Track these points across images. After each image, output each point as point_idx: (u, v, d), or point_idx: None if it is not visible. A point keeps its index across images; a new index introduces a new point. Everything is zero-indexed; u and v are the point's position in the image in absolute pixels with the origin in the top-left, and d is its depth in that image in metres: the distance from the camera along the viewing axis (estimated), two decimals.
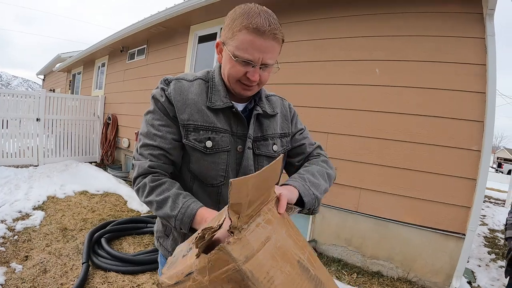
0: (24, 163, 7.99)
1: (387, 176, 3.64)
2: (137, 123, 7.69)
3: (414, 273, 3.51)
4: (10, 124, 7.79)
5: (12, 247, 4.00)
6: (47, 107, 8.21)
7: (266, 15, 1.14)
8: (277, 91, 4.21)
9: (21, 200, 5.53)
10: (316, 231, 4.18)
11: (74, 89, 13.84)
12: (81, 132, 8.92)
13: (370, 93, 3.75)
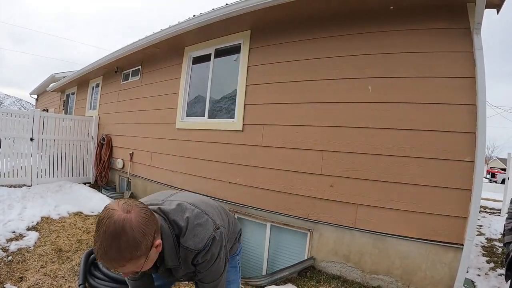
0: (17, 183, 7.88)
1: (382, 191, 3.67)
2: (131, 144, 7.70)
3: (414, 286, 3.51)
4: (3, 143, 7.72)
5: (6, 267, 3.96)
6: (41, 126, 8.15)
7: (105, 242, 1.19)
8: (270, 110, 4.21)
9: (14, 220, 5.48)
10: (314, 248, 4.18)
11: (68, 109, 13.81)
12: (75, 152, 8.87)
13: (363, 110, 3.81)
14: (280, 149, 4.45)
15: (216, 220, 1.49)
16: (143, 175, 7.25)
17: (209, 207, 1.56)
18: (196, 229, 1.42)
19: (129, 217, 1.20)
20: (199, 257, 1.42)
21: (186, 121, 6.04)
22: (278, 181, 4.45)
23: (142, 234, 1.21)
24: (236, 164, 4.99)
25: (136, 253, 1.21)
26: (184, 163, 5.96)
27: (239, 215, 5.07)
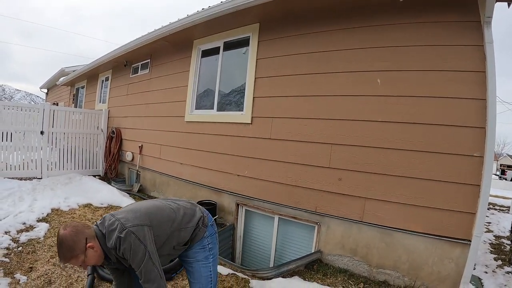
0: (28, 176, 7.98)
1: (390, 184, 3.66)
2: (140, 137, 7.76)
3: (421, 281, 3.50)
4: (14, 136, 7.80)
5: (16, 258, 4.01)
6: (51, 120, 8.23)
7: (57, 247, 1.98)
8: (279, 103, 4.20)
9: (25, 212, 5.54)
10: (321, 242, 4.19)
11: (77, 103, 13.91)
12: (85, 145, 8.94)
13: (372, 103, 3.80)
14: (288, 142, 4.45)
15: (126, 224, 2.03)
16: (152, 167, 7.31)
17: (131, 213, 2.12)
18: (110, 234, 2.03)
19: (64, 233, 1.96)
20: (118, 251, 2.02)
21: (195, 114, 6.07)
22: (286, 174, 4.46)
23: (73, 241, 1.95)
24: (245, 157, 5.00)
25: (74, 253, 1.95)
26: (193, 155, 5.99)
27: (247, 207, 5.11)
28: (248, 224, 5.22)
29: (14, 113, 7.83)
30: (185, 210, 2.33)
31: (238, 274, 3.88)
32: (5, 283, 3.39)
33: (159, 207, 2.27)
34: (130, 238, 1.98)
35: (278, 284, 3.57)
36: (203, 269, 2.31)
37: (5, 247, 4.24)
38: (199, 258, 2.31)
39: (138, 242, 1.99)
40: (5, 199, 6.13)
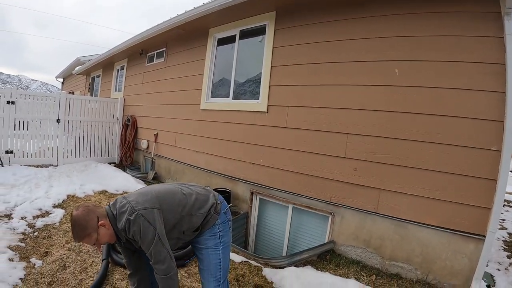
0: (44, 163, 8.11)
1: (406, 176, 3.61)
2: (156, 125, 7.81)
3: (433, 275, 3.47)
4: (30, 125, 7.92)
5: (32, 243, 4.08)
6: (67, 108, 8.34)
7: (71, 227, 2.10)
8: (295, 91, 4.15)
9: (41, 198, 5.62)
10: (335, 232, 4.18)
11: (93, 91, 14.03)
12: (101, 133, 9.04)
13: (389, 93, 3.74)
14: (304, 131, 4.42)
15: (137, 207, 2.08)
16: (167, 155, 7.36)
17: (142, 196, 2.18)
18: (120, 216, 2.10)
19: (76, 213, 2.06)
20: (127, 233, 2.09)
21: (211, 102, 6.07)
22: (301, 163, 4.45)
23: (85, 220, 2.05)
24: (260, 145, 5.00)
25: (86, 231, 2.06)
26: (208, 143, 6.01)
27: (261, 196, 5.12)
28: (262, 212, 5.23)
29: (31, 102, 7.96)
30: (198, 196, 2.34)
31: (251, 262, 3.91)
32: (20, 267, 3.45)
33: (171, 191, 2.31)
34: (139, 221, 2.04)
35: (290, 272, 3.58)
36: (213, 256, 2.31)
37: (21, 232, 4.31)
38: (209, 245, 2.32)
39: (148, 224, 2.05)
40: (22, 185, 6.24)
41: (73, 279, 3.36)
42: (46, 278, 3.35)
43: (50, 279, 3.33)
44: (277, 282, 3.48)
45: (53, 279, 3.33)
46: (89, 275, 3.47)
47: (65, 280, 3.34)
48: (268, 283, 3.52)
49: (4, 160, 7.44)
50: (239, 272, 3.68)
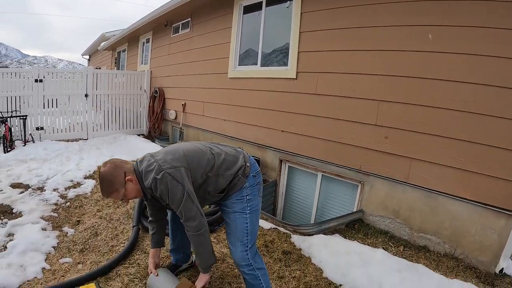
0: (74, 137, 8.37)
1: (439, 146, 3.46)
2: (183, 95, 7.85)
3: (461, 249, 3.37)
4: (59, 101, 8.14)
5: (64, 213, 4.19)
6: (94, 83, 8.49)
7: (99, 184, 2.17)
8: (325, 57, 3.96)
9: (72, 170, 5.77)
10: (363, 201, 4.12)
11: (119, 66, 14.19)
12: (129, 106, 9.18)
13: (423, 60, 3.55)
14: (334, 97, 4.32)
15: (164, 166, 2.06)
16: (196, 124, 7.42)
17: (170, 155, 2.15)
18: (146, 174, 2.11)
19: (104, 169, 2.12)
20: (154, 192, 2.11)
21: (239, 70, 6.02)
22: (331, 130, 4.37)
23: (113, 176, 2.10)
24: (289, 113, 4.94)
25: (114, 187, 2.11)
26: (237, 111, 6.00)
27: (290, 163, 5.10)
28: (291, 180, 5.22)
29: (58, 79, 8.19)
30: (227, 157, 2.28)
31: (280, 229, 3.91)
32: (53, 236, 3.56)
33: (200, 150, 2.26)
34: (167, 180, 2.03)
35: (319, 240, 3.57)
36: (239, 221, 2.26)
37: (54, 203, 4.45)
38: (236, 209, 2.26)
39: (176, 182, 2.03)
40: (53, 159, 6.44)
41: (104, 246, 3.44)
42: (78, 245, 3.44)
43: (82, 246, 3.42)
44: (306, 249, 3.48)
45: (85, 246, 3.42)
46: (120, 241, 3.54)
47: (97, 246, 3.42)
48: (297, 249, 3.52)
49: (35, 137, 7.70)
50: (268, 238, 3.70)
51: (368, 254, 3.29)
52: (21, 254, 3.17)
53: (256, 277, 2.28)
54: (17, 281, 2.78)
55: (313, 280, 2.99)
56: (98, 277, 2.86)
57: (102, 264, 3.08)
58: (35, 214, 4.03)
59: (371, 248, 3.42)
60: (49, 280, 2.86)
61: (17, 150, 6.83)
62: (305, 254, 3.44)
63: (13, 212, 4.08)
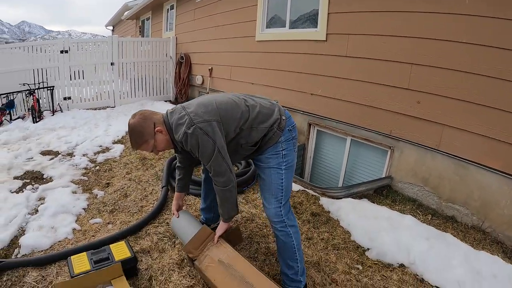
0: (102, 106, 8.55)
1: (473, 113, 3.29)
2: (210, 60, 7.80)
3: (489, 222, 3.25)
4: (86, 70, 8.27)
5: (94, 176, 4.29)
6: (120, 51, 8.56)
7: (129, 135, 2.18)
8: (356, 18, 3.79)
9: (100, 136, 5.89)
10: (393, 167, 4.05)
11: (144, 35, 14.22)
12: (154, 73, 9.23)
13: (458, 23, 3.33)
14: (365, 60, 4.17)
15: (195, 119, 2.00)
16: (223, 89, 7.40)
17: (202, 108, 2.08)
18: (177, 127, 2.07)
19: (133, 121, 2.10)
20: (185, 146, 2.09)
21: (266, 33, 5.91)
22: (361, 94, 4.26)
23: (142, 127, 2.08)
24: (318, 75, 4.84)
25: (144, 138, 2.10)
26: (265, 75, 5.94)
27: (319, 127, 5.06)
28: (319, 145, 5.18)
29: (85, 52, 8.37)
30: (261, 109, 2.19)
31: (308, 191, 3.92)
32: (83, 198, 3.65)
33: (233, 102, 2.17)
34: (197, 134, 1.98)
35: (347, 203, 3.56)
36: (274, 176, 2.19)
37: (83, 167, 4.56)
38: (271, 165, 2.20)
39: (207, 137, 1.98)
40: (82, 127, 6.60)
41: (134, 206, 3.51)
42: (108, 206, 3.52)
43: (111, 207, 3.50)
44: (334, 212, 3.48)
45: (114, 207, 3.50)
46: (149, 202, 3.61)
47: (126, 207, 3.50)
48: (325, 212, 3.53)
49: (63, 106, 7.90)
50: (296, 200, 3.72)
51: (397, 220, 3.27)
52: (52, 217, 3.27)
53: (288, 235, 2.23)
54: (48, 242, 2.87)
55: (341, 243, 3.00)
56: (128, 236, 2.94)
57: (131, 223, 3.15)
58: (65, 179, 4.14)
59: (400, 214, 3.39)
60: (80, 240, 2.94)
61: (46, 120, 7.04)
62: (333, 216, 3.44)
63: (44, 178, 4.21)
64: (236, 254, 2.22)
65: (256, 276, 2.05)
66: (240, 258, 2.18)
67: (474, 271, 2.54)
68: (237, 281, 2.04)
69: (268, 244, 2.94)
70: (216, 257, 2.21)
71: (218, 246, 2.29)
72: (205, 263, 2.22)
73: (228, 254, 2.22)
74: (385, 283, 2.51)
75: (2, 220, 3.12)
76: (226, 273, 2.10)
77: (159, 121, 2.13)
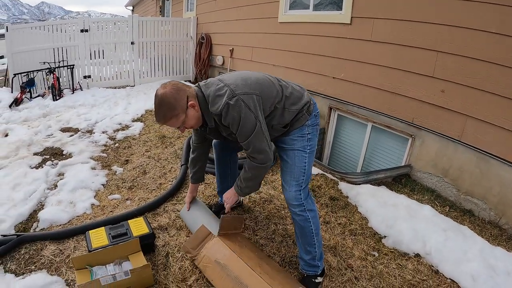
0: (121, 84, 8.63)
1: (498, 106, 3.17)
2: (231, 40, 7.74)
3: (506, 219, 3.18)
4: (106, 49, 8.34)
5: (113, 153, 4.35)
6: (140, 31, 8.58)
7: (155, 107, 1.94)
8: (382, 1, 4.10)
9: (120, 114, 5.95)
10: (413, 155, 3.99)
11: (164, 14, 14.20)
12: (175, 53, 9.23)
13: (487, 12, 3.17)
14: (390, 45, 4.07)
15: (237, 91, 1.88)
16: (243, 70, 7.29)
17: (241, 80, 1.97)
18: (216, 98, 1.92)
19: (164, 91, 1.88)
20: (223, 119, 1.92)
21: (289, 14, 5.79)
22: (384, 79, 4.17)
23: (174, 99, 1.87)
24: (341, 59, 4.76)
25: (175, 111, 1.90)
26: (286, 57, 5.87)
27: (340, 112, 5.01)
28: (339, 129, 5.14)
29: (105, 32, 8.41)
30: (293, 91, 2.16)
31: (328, 175, 3.92)
32: (102, 174, 3.72)
33: (269, 80, 2.12)
34: (240, 106, 1.86)
35: (366, 189, 3.55)
36: (298, 159, 2.15)
37: (103, 144, 4.63)
38: (296, 147, 2.15)
39: (249, 111, 1.88)
40: (101, 105, 6.69)
41: (152, 184, 3.56)
42: (127, 183, 3.58)
43: (130, 184, 3.56)
44: (352, 197, 3.48)
45: (133, 184, 3.56)
46: (168, 179, 3.66)
47: (145, 184, 3.55)
48: (343, 197, 3.53)
49: (83, 85, 8.01)
50: (315, 183, 3.73)
51: (415, 209, 3.23)
52: (71, 192, 3.35)
53: (306, 219, 2.19)
54: (66, 216, 2.95)
55: (358, 229, 3.00)
56: (146, 213, 2.98)
57: (150, 200, 3.19)
58: (85, 155, 4.21)
59: (419, 204, 3.35)
60: (98, 215, 3.01)
61: (65, 98, 7.15)
62: (351, 202, 3.44)
63: (63, 154, 4.30)
64: (232, 254, 2.22)
65: (251, 277, 2.06)
66: (235, 258, 2.19)
67: (489, 266, 2.51)
68: (232, 283, 2.05)
69: (285, 226, 2.96)
70: (213, 257, 2.23)
71: (215, 244, 2.32)
72: (203, 263, 2.27)
73: (224, 254, 2.23)
74: (400, 272, 2.51)
75: (21, 195, 3.21)
76: (222, 273, 2.13)
77: (192, 95, 1.96)
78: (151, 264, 2.31)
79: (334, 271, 2.47)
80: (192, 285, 2.26)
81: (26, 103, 6.71)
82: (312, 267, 2.31)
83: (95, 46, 8.16)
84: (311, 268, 2.31)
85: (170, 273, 2.34)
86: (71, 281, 2.23)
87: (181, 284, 2.26)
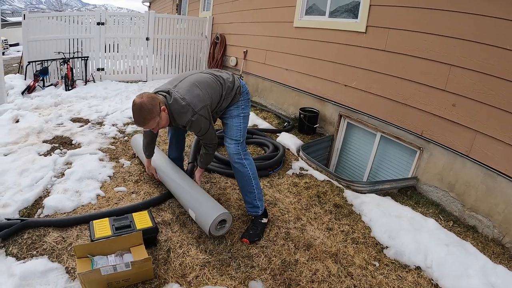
0: (134, 79, 8.67)
1: (509, 123, 3.16)
2: (245, 42, 7.76)
3: (510, 237, 3.14)
4: (121, 43, 8.39)
5: (121, 146, 4.37)
6: (156, 27, 8.61)
7: (135, 113, 2.45)
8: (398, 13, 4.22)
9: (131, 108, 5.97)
10: (420, 168, 3.97)
11: (180, 12, 14.25)
12: (188, 51, 9.27)
13: (501, 28, 3.15)
14: (403, 56, 4.06)
15: (196, 108, 2.48)
16: (256, 72, 7.38)
17: (196, 98, 2.51)
18: (181, 115, 2.50)
19: (142, 100, 2.37)
20: (188, 128, 2.60)
21: (305, 20, 5.80)
22: (396, 90, 4.17)
23: (151, 105, 2.37)
24: (354, 67, 4.77)
25: (152, 115, 2.39)
26: (300, 62, 5.89)
27: (349, 120, 5.01)
28: (348, 137, 5.15)
29: (121, 26, 8.45)
30: (228, 84, 2.79)
31: (333, 182, 3.92)
32: (110, 166, 3.73)
33: (214, 83, 2.71)
34: (200, 120, 2.53)
35: (371, 199, 3.54)
36: (235, 120, 2.85)
37: (112, 137, 4.64)
38: (233, 114, 2.86)
39: (205, 120, 2.56)
40: (113, 97, 6.72)
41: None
42: (133, 176, 3.59)
43: (137, 177, 3.57)
44: (357, 206, 3.47)
45: (140, 178, 3.57)
46: None
47: (151, 179, 3.55)
48: (348, 205, 3.52)
49: (96, 77, 8.07)
50: (320, 189, 3.73)
51: (419, 221, 3.22)
52: (78, 181, 3.36)
53: (243, 165, 2.83)
54: (71, 205, 2.97)
55: (360, 237, 2.98)
56: (150, 207, 3.00)
57: (155, 195, 3.21)
58: (94, 146, 4.23)
59: (423, 217, 3.33)
60: (103, 206, 3.03)
61: (78, 89, 7.19)
62: (356, 210, 3.44)
63: (72, 143, 4.32)
64: None
65: None
66: None
67: (489, 284, 2.49)
68: None
69: (288, 230, 2.97)
70: None
71: None
72: None
73: None
74: (400, 284, 2.49)
75: (28, 181, 3.23)
76: None
77: (162, 102, 2.49)
78: (152, 257, 2.32)
79: (333, 278, 2.46)
80: (192, 281, 2.28)
81: (38, 91, 6.77)
82: (254, 208, 2.92)
83: (110, 40, 8.22)
84: (254, 209, 2.92)
85: (170, 268, 2.36)
86: (71, 269, 2.25)
87: (180, 280, 2.27)
